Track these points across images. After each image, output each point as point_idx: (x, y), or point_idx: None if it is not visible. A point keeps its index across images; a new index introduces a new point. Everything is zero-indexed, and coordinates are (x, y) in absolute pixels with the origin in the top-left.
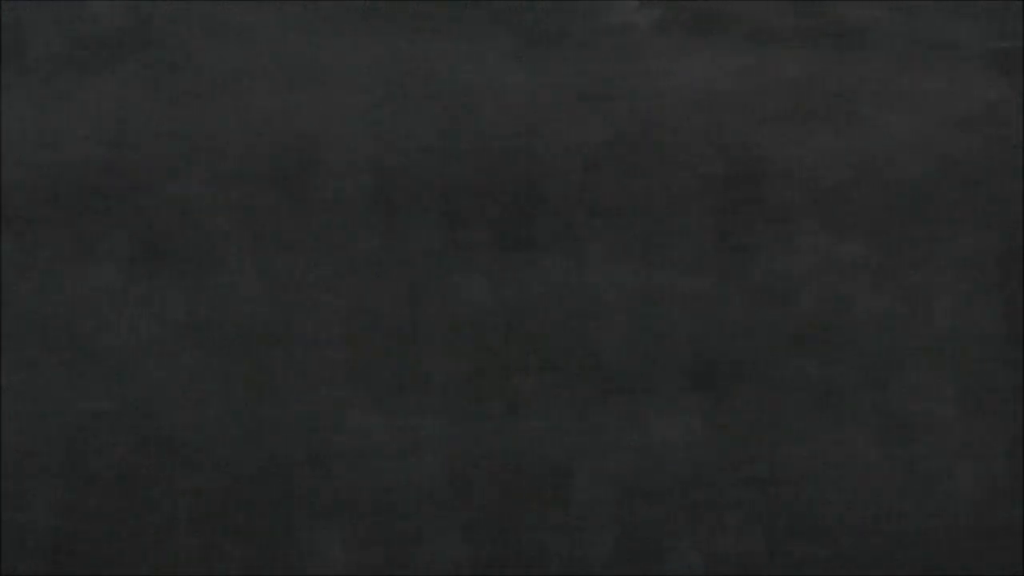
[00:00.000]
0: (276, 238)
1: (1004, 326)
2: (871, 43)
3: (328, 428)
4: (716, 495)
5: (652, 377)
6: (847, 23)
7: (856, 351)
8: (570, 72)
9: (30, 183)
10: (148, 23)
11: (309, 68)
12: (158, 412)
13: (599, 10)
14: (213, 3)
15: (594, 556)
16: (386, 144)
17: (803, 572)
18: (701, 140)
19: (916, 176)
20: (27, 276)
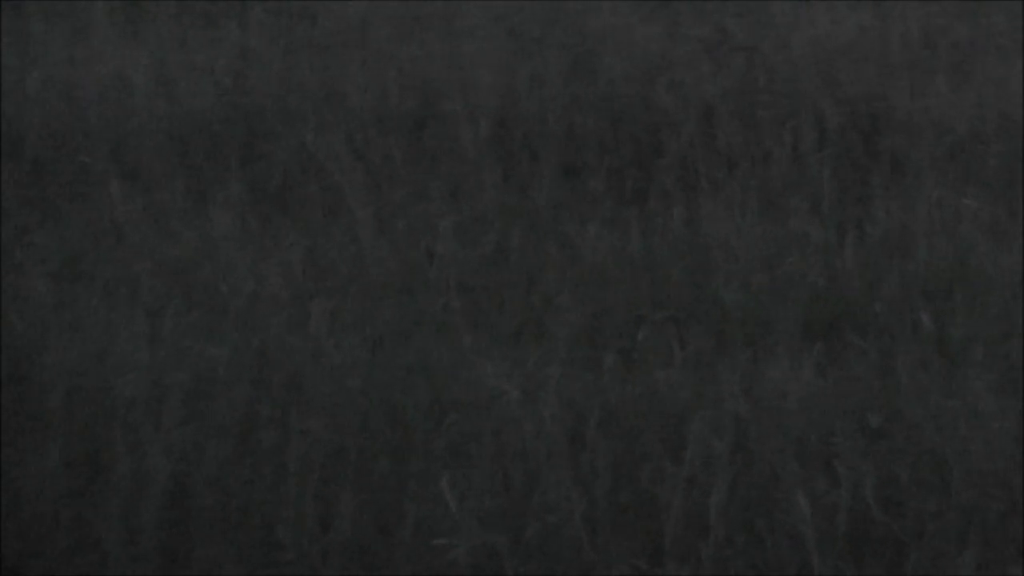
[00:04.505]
0: (396, 186)
1: None
2: None
3: (446, 375)
4: (830, 446)
5: (769, 327)
6: None
7: (973, 303)
8: (691, 23)
9: (149, 132)
10: None
11: (431, 17)
12: (276, 359)
13: None
14: None
15: (707, 504)
16: (507, 94)
17: (916, 523)
18: (821, 92)
19: None
20: (146, 224)
